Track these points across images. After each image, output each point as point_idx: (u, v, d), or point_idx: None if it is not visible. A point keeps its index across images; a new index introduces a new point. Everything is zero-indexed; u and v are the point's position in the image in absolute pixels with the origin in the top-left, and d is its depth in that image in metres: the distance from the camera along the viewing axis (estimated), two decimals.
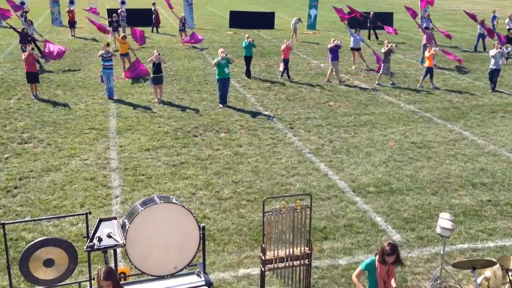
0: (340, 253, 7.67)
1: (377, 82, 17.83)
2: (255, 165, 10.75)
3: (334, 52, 17.53)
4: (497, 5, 50.77)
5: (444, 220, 6.43)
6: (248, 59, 18.54)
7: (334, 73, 17.88)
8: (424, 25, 23.66)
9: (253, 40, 18.66)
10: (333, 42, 17.66)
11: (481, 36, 24.68)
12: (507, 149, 12.00)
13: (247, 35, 19.23)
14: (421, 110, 14.97)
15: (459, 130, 13.34)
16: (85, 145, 11.67)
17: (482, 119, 14.30)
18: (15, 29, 20.23)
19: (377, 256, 5.39)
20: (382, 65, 17.66)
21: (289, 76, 18.46)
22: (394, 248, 5.25)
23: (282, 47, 18.35)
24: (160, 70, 15.02)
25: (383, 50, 17.66)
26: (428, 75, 17.46)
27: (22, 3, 27.51)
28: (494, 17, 28.99)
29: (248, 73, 18.61)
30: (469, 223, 8.62)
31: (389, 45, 17.80)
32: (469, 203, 9.29)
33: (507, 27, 26.98)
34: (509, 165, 11.04)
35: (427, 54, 17.71)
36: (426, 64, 17.69)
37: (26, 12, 27.11)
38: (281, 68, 18.69)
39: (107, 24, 26.47)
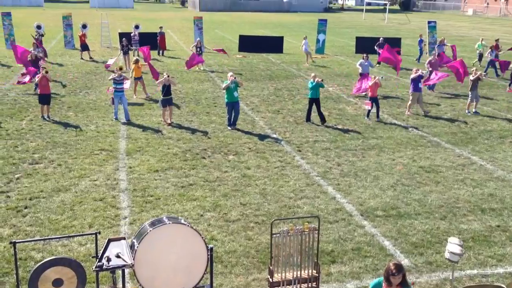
0: (348, 277, 7.63)
1: (467, 111, 17.51)
2: (263, 188, 10.78)
3: (416, 82, 16.76)
4: (506, 31, 51.04)
5: (453, 245, 6.41)
6: (313, 102, 15.64)
7: (410, 101, 17.12)
8: (437, 52, 23.82)
9: (322, 80, 15.61)
10: (416, 72, 16.85)
11: (492, 62, 24.68)
12: None
13: (313, 74, 15.91)
14: (429, 135, 14.98)
15: (467, 155, 13.32)
16: (95, 166, 11.79)
17: (491, 144, 14.28)
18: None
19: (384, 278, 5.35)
20: (470, 93, 17.37)
21: (378, 115, 16.31)
22: (399, 268, 5.14)
23: (370, 84, 16.23)
24: (169, 92, 15.21)
25: (471, 78, 17.42)
26: None
27: (39, 27, 28.07)
28: (421, 41, 29.19)
29: (308, 117, 15.91)
30: (478, 248, 8.56)
31: (478, 73, 17.49)
32: (478, 229, 9.24)
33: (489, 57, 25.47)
34: None
35: None
36: None
37: (42, 35, 27.72)
38: (367, 107, 16.14)
39: (119, 47, 26.91)
